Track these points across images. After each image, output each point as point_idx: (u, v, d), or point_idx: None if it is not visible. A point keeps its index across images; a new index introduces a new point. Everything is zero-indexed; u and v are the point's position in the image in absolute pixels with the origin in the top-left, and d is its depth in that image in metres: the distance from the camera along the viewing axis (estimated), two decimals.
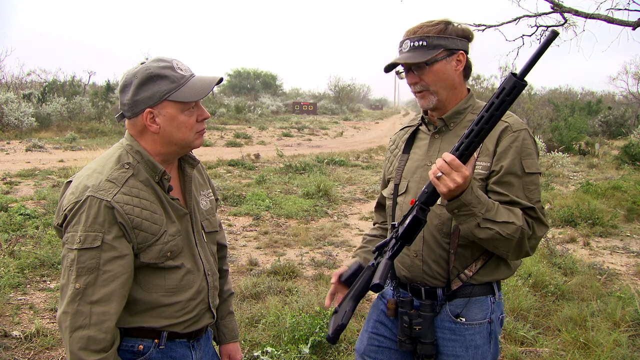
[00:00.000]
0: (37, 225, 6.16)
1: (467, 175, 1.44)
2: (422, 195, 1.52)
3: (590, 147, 16.86)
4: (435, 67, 1.66)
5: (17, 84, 27.00)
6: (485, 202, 1.53)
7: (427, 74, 1.67)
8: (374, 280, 1.47)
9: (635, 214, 7.64)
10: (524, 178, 1.61)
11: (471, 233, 1.56)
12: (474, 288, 1.69)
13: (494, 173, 1.62)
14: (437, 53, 1.64)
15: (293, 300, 4.15)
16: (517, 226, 1.54)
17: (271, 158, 13.91)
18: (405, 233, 1.52)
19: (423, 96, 1.71)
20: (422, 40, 1.65)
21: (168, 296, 1.50)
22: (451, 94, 1.71)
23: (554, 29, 1.30)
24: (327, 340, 1.58)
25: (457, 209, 1.51)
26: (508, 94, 1.37)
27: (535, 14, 9.39)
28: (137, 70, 1.44)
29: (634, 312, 3.96)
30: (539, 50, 1.32)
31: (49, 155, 13.31)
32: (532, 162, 1.63)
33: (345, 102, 57.62)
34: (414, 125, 1.88)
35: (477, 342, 1.69)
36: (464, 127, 1.71)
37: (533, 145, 1.66)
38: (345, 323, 1.57)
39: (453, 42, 1.66)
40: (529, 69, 1.34)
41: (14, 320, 3.78)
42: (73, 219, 1.38)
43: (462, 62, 1.68)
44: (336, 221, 7.34)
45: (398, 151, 1.89)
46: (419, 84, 1.70)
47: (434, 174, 1.46)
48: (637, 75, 34.72)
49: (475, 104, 1.76)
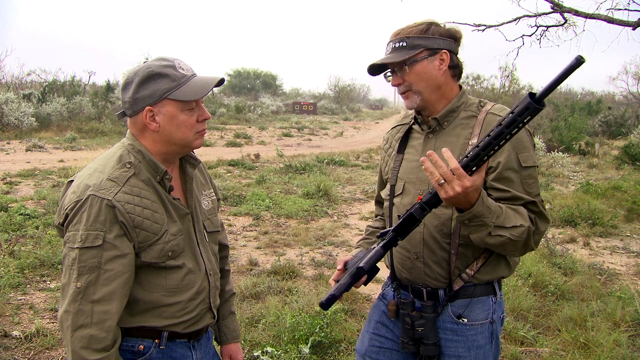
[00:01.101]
0: (37, 225, 6.16)
1: (468, 185, 1.41)
2: (426, 195, 1.52)
3: (590, 147, 16.87)
4: (416, 67, 1.66)
5: (17, 84, 27.02)
6: (495, 209, 1.52)
7: (409, 74, 1.67)
8: (360, 263, 1.53)
9: (635, 214, 7.65)
10: (522, 172, 1.61)
11: (482, 241, 1.55)
12: (476, 288, 1.69)
13: (492, 169, 1.62)
14: (417, 53, 1.64)
15: (293, 300, 4.15)
16: (525, 227, 1.54)
17: (271, 158, 13.91)
18: (399, 227, 1.53)
19: (407, 96, 1.71)
20: (402, 42, 1.66)
21: (169, 296, 1.50)
22: (436, 93, 1.70)
23: (580, 56, 1.20)
24: (319, 305, 1.59)
25: (469, 220, 1.50)
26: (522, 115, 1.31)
27: (535, 14, 9.40)
28: (139, 69, 1.45)
29: (634, 312, 3.96)
30: (561, 75, 1.25)
31: (49, 155, 13.31)
32: (529, 156, 1.62)
33: (345, 102, 57.63)
34: (406, 124, 1.87)
35: (479, 342, 1.69)
36: (457, 125, 1.71)
37: (528, 138, 1.65)
38: (337, 295, 1.58)
39: (434, 41, 1.65)
40: (548, 92, 1.28)
41: (14, 320, 3.78)
42: (74, 218, 1.38)
43: (445, 61, 1.67)
44: (336, 221, 7.34)
45: (392, 151, 1.88)
46: (402, 84, 1.70)
47: (437, 180, 1.45)
48: (637, 75, 34.76)
49: (467, 100, 1.74)
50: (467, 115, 1.71)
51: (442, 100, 1.72)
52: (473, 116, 1.70)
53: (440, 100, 1.71)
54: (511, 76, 25.88)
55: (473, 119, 1.69)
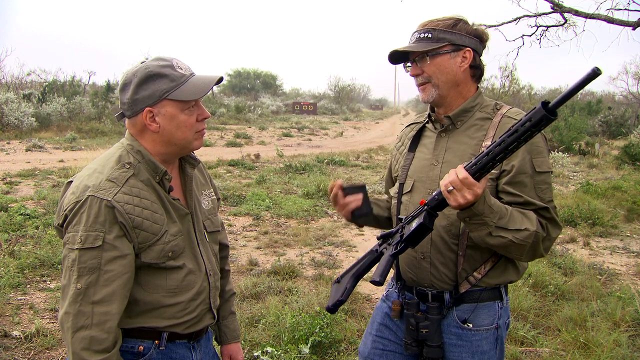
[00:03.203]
0: (37, 225, 6.16)
1: (479, 193, 1.40)
2: (432, 201, 1.49)
3: (590, 147, 16.86)
4: (437, 59, 1.64)
5: (17, 84, 27.00)
6: (498, 209, 1.49)
7: (429, 66, 1.66)
8: (374, 276, 1.48)
9: (635, 214, 7.64)
10: (535, 177, 1.58)
11: (482, 241, 1.53)
12: (482, 293, 1.66)
13: (505, 172, 1.59)
14: (441, 46, 1.63)
15: (293, 300, 4.15)
16: (531, 232, 1.51)
17: (271, 158, 13.91)
18: (411, 237, 1.50)
19: (424, 89, 1.70)
20: (428, 33, 1.65)
21: (169, 296, 1.50)
22: (454, 90, 1.68)
23: (597, 67, 1.18)
24: (326, 310, 1.59)
25: (469, 217, 1.49)
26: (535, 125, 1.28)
27: (535, 14, 9.40)
28: (137, 69, 1.44)
29: (634, 312, 3.96)
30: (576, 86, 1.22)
31: (49, 155, 13.31)
32: (543, 161, 1.60)
33: (345, 102, 57.63)
34: (420, 123, 1.85)
35: (483, 348, 1.67)
36: (471, 126, 1.69)
37: (543, 142, 1.62)
38: (344, 299, 1.57)
39: (460, 37, 1.64)
40: (563, 102, 1.26)
41: (14, 320, 3.78)
42: (74, 219, 1.37)
43: (467, 59, 1.65)
44: (336, 221, 7.33)
45: (404, 149, 1.87)
46: (421, 75, 1.69)
47: (445, 187, 1.43)
48: (637, 75, 34.73)
49: (483, 102, 1.72)
50: (482, 117, 1.69)
51: (459, 99, 1.70)
52: (488, 118, 1.68)
53: (457, 98, 1.70)
54: (511, 76, 25.87)
55: (488, 121, 1.67)
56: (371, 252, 1.62)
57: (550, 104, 1.27)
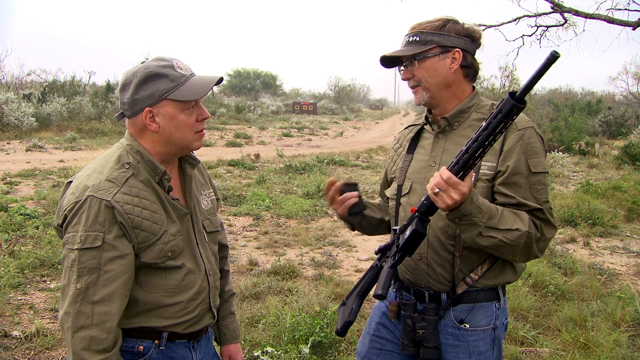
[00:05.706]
0: (37, 225, 6.16)
1: (465, 192, 1.41)
2: (422, 206, 1.50)
3: (590, 147, 16.86)
4: (426, 62, 1.65)
5: (17, 84, 27.00)
6: (488, 209, 1.50)
7: (418, 69, 1.66)
8: (376, 290, 1.49)
9: (635, 214, 7.64)
10: (531, 178, 1.57)
11: (473, 241, 1.53)
12: (479, 293, 1.66)
13: (500, 173, 1.59)
14: (428, 48, 1.63)
15: (293, 300, 4.15)
16: (522, 232, 1.50)
17: (271, 158, 13.91)
18: (406, 245, 1.51)
19: (416, 92, 1.71)
20: (416, 36, 1.65)
21: (169, 296, 1.50)
22: (446, 92, 1.68)
23: (555, 51, 1.23)
24: (336, 334, 1.61)
25: (458, 218, 1.49)
26: (506, 116, 1.32)
27: (535, 14, 9.41)
28: (137, 69, 1.44)
29: (634, 312, 3.96)
30: (537, 72, 1.27)
31: (49, 155, 13.31)
32: (539, 161, 1.59)
33: (345, 102, 57.64)
34: (418, 125, 1.86)
35: (480, 349, 1.67)
36: (468, 126, 1.69)
37: (540, 143, 1.61)
38: (352, 320, 1.59)
39: (448, 39, 1.63)
40: (528, 90, 1.30)
41: (14, 320, 3.78)
42: (73, 219, 1.38)
43: (457, 60, 1.64)
44: (336, 221, 7.33)
45: (402, 150, 1.87)
46: (412, 79, 1.70)
47: (432, 189, 1.44)
48: (637, 75, 34.74)
49: (479, 102, 1.72)
50: (479, 117, 1.69)
51: (453, 100, 1.70)
52: (484, 119, 1.66)
53: (451, 99, 1.69)
54: (511, 76, 25.85)
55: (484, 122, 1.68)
56: (372, 269, 1.64)
57: (517, 93, 1.31)
